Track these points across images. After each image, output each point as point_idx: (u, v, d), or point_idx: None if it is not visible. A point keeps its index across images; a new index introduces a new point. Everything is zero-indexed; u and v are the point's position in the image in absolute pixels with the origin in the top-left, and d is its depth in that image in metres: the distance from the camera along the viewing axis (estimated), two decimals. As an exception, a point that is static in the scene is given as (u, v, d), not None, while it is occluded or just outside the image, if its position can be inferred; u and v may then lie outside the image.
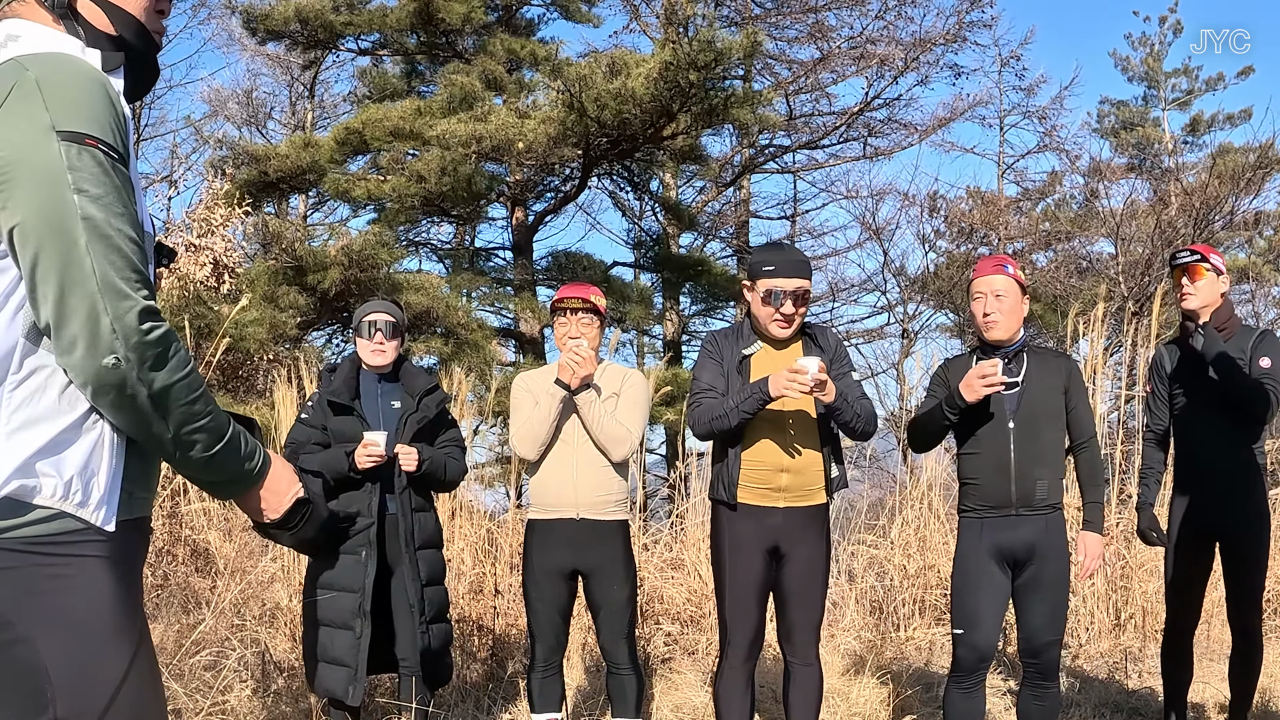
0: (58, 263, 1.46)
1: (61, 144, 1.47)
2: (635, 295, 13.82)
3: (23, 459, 1.49)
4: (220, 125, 22.29)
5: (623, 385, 4.04)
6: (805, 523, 3.65)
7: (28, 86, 1.49)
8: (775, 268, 3.61)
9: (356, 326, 4.24)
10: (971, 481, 3.78)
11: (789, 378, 3.42)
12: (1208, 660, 5.53)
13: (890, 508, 7.63)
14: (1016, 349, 3.77)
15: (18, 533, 1.50)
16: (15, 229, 1.48)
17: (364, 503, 4.07)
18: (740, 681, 3.67)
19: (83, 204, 1.47)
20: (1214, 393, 4.12)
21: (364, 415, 4.14)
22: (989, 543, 3.70)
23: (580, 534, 3.94)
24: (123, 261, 1.49)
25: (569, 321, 3.99)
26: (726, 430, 3.61)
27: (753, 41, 11.18)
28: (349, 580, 4.03)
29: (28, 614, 1.49)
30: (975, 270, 3.87)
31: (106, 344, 1.47)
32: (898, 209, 19.80)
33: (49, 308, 1.48)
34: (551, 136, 11.29)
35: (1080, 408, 3.78)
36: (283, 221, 13.33)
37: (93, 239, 1.47)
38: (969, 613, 3.70)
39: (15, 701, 1.50)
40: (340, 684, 4.01)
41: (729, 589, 3.66)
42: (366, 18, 13.44)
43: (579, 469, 3.95)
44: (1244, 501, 4.11)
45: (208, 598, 5.89)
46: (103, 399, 1.52)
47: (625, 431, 3.95)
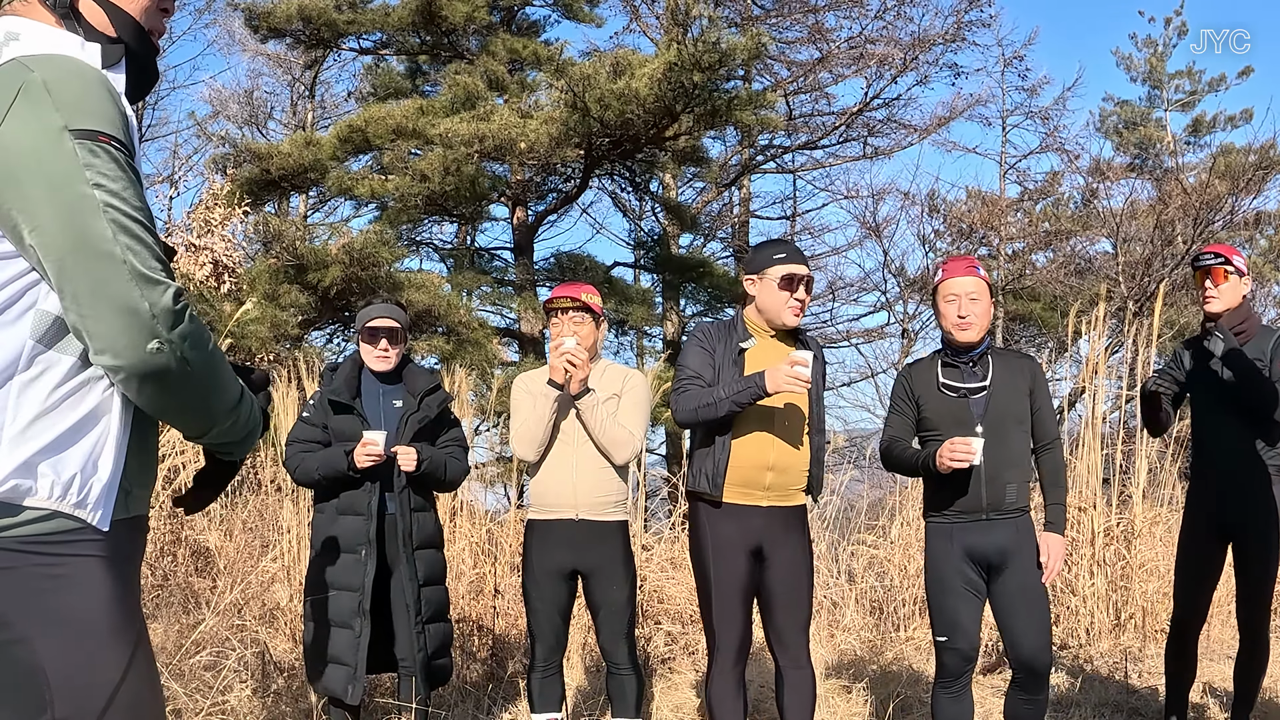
0: (87, 259, 1.47)
1: (75, 143, 1.48)
2: (636, 296, 13.82)
3: (25, 458, 1.50)
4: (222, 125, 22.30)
5: (624, 386, 4.03)
6: (787, 523, 3.65)
7: (35, 88, 1.49)
8: (787, 255, 3.65)
9: (360, 330, 4.23)
10: (941, 487, 3.72)
11: (789, 373, 3.39)
12: (1208, 660, 5.53)
13: (890, 508, 7.63)
14: (981, 352, 3.73)
15: (14, 532, 1.50)
16: (35, 231, 1.48)
17: (363, 502, 4.07)
18: (731, 685, 3.64)
19: (104, 199, 1.48)
20: (1231, 394, 4.12)
21: (364, 414, 4.15)
22: (960, 547, 3.67)
23: (579, 534, 3.94)
24: (147, 251, 1.51)
25: (560, 321, 3.99)
26: (713, 420, 3.56)
27: (757, 43, 11.18)
28: (349, 579, 4.04)
29: (26, 614, 1.49)
30: (945, 271, 3.77)
31: (148, 330, 1.49)
32: (898, 208, 19.83)
33: (83, 305, 1.48)
34: (554, 137, 11.29)
35: (1044, 409, 3.74)
36: (284, 220, 13.33)
37: (119, 231, 1.48)
38: (949, 619, 3.68)
39: (14, 702, 1.50)
40: (340, 683, 4.01)
41: (715, 593, 3.62)
42: (369, 17, 13.44)
43: (579, 469, 3.95)
44: (1259, 502, 4.10)
45: (208, 598, 5.90)
46: (151, 385, 1.54)
47: (628, 435, 3.94)
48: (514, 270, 13.88)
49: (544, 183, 13.89)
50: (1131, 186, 19.22)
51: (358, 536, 4.06)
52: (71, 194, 1.47)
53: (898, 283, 19.26)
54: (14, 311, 1.52)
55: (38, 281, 1.53)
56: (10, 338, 1.51)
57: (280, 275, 11.31)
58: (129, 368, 1.51)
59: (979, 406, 3.67)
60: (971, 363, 3.72)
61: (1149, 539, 6.59)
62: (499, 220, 16.27)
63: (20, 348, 1.52)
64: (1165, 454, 7.23)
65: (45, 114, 1.48)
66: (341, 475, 4.03)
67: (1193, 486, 4.31)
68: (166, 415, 1.62)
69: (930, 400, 3.75)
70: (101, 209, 1.47)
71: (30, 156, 1.47)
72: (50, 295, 1.53)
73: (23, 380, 1.52)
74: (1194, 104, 24.18)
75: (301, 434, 4.16)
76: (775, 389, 3.44)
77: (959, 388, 3.71)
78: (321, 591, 4.09)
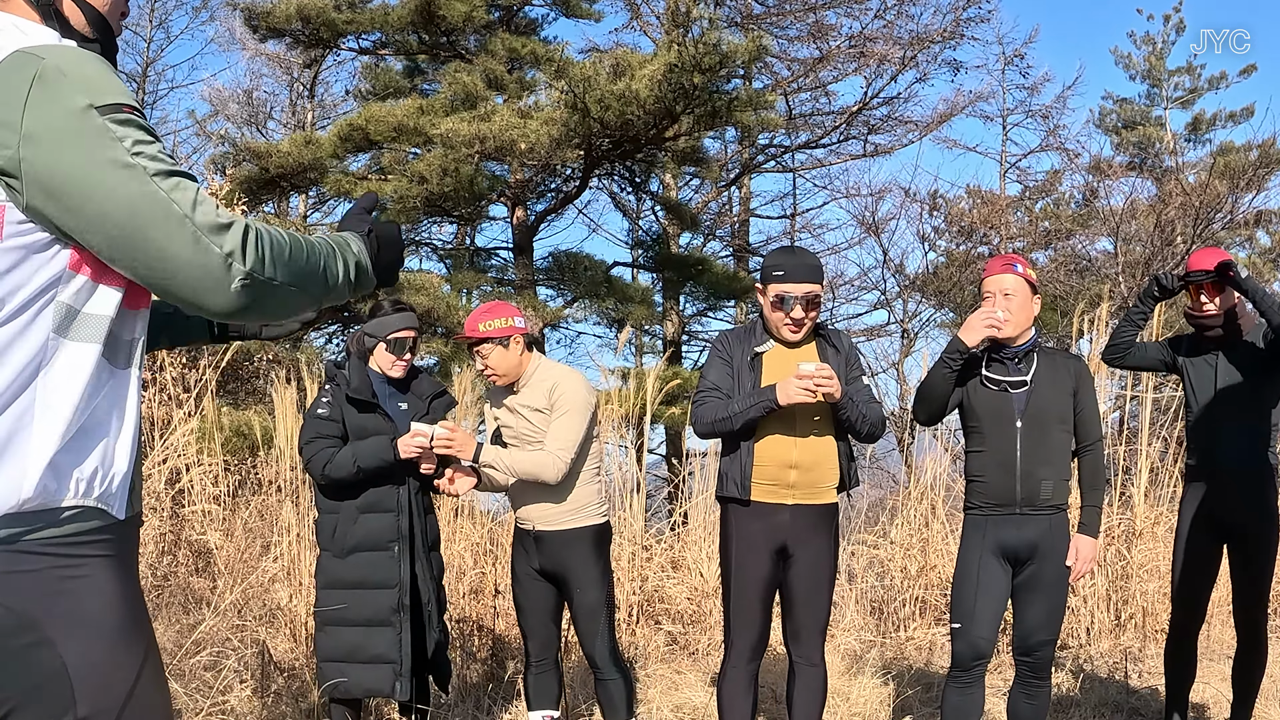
0: (150, 225, 1.48)
1: (104, 118, 1.49)
2: (636, 295, 13.82)
3: (50, 457, 1.51)
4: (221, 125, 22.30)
5: (551, 399, 3.93)
6: (814, 522, 3.65)
7: (50, 74, 1.49)
8: (785, 272, 3.62)
9: (380, 337, 4.16)
10: (977, 479, 3.79)
11: (798, 385, 3.44)
12: (1208, 660, 5.53)
13: (890, 508, 7.63)
14: (1026, 348, 3.78)
15: (41, 534, 1.51)
16: (74, 212, 1.48)
17: (391, 499, 4.05)
18: (743, 682, 3.68)
19: (145, 163, 1.49)
20: (1232, 394, 4.12)
21: (390, 413, 4.11)
22: (992, 541, 3.72)
23: (543, 543, 3.98)
24: (199, 199, 1.53)
25: (475, 359, 4.01)
26: (729, 433, 3.62)
27: (758, 45, 11.17)
28: (384, 576, 4.01)
29: (51, 615, 1.51)
30: (986, 269, 3.90)
31: (222, 270, 1.51)
32: (898, 207, 19.79)
33: (155, 271, 1.50)
34: (554, 137, 11.29)
35: (1088, 410, 3.78)
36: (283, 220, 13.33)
37: (173, 189, 1.50)
38: (966, 608, 3.72)
39: (39, 702, 1.52)
40: (386, 681, 3.98)
41: (734, 590, 3.67)
42: (368, 16, 13.43)
43: (525, 489, 3.97)
44: (1257, 502, 4.11)
45: (208, 598, 5.90)
46: (255, 313, 1.58)
47: (548, 458, 3.85)
48: (513, 270, 13.88)
49: (544, 183, 13.89)
50: (1132, 185, 19.23)
51: (388, 533, 4.03)
52: (115, 167, 1.48)
53: (897, 281, 19.26)
54: (37, 307, 1.52)
55: (59, 277, 1.53)
56: (34, 334, 1.52)
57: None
58: (225, 311, 1.55)
59: (1020, 401, 3.71)
60: (1016, 358, 3.76)
61: (1150, 539, 6.58)
62: (498, 220, 16.28)
63: (43, 342, 1.52)
64: (1166, 454, 7.23)
65: (67, 97, 1.48)
66: (384, 466, 3.99)
67: (1189, 486, 4.30)
68: (300, 310, 1.68)
69: (972, 392, 3.81)
70: (150, 175, 1.49)
71: (61, 140, 1.47)
72: (68, 286, 1.53)
73: (44, 377, 1.52)
74: (1194, 101, 24.18)
75: (323, 430, 4.08)
76: (787, 401, 3.48)
77: (1000, 381, 3.76)
78: (344, 592, 4.04)
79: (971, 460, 3.84)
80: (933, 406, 3.86)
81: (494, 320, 3.94)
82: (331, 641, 4.04)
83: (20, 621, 1.49)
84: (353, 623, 4.01)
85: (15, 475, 1.48)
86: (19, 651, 1.49)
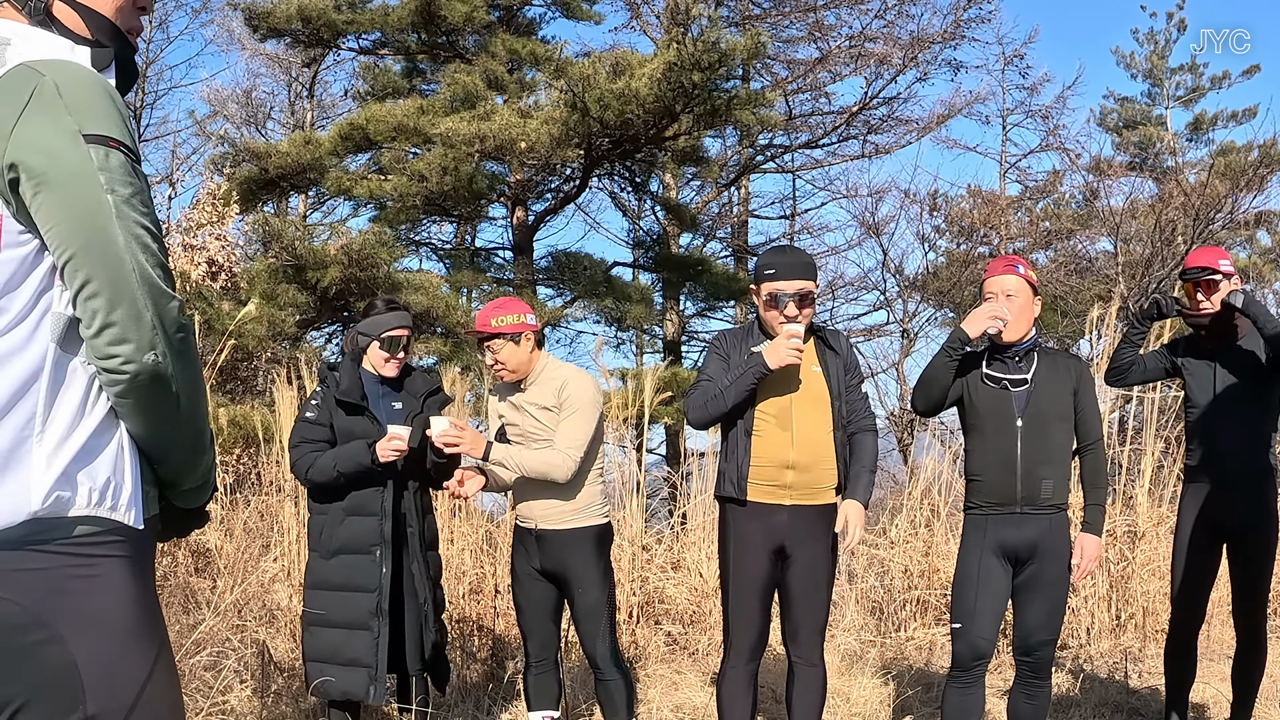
0: (99, 262, 1.49)
1: (90, 147, 1.50)
2: (636, 295, 13.81)
3: (63, 468, 1.51)
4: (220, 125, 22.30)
5: (560, 397, 3.93)
6: (812, 522, 3.65)
7: (48, 92, 1.50)
8: (776, 270, 3.63)
9: (373, 336, 4.15)
10: (977, 478, 3.79)
11: (786, 347, 3.47)
12: (1208, 660, 5.53)
13: (890, 508, 7.63)
14: (1027, 348, 3.79)
15: (52, 535, 1.51)
16: (51, 231, 1.50)
17: (375, 502, 4.04)
18: (743, 682, 3.68)
19: (116, 204, 1.50)
20: (1232, 395, 4.12)
21: (378, 416, 4.09)
22: (993, 540, 3.72)
23: (544, 543, 3.98)
24: (154, 259, 1.54)
25: (485, 353, 4.01)
26: (721, 412, 3.61)
27: (757, 43, 11.16)
28: (363, 580, 4.00)
29: (60, 613, 1.51)
30: (987, 270, 3.90)
31: (149, 340, 1.51)
32: (898, 207, 19.80)
33: (95, 306, 1.50)
34: (554, 136, 11.28)
35: (1088, 410, 3.79)
36: (282, 220, 13.32)
37: (129, 238, 1.51)
38: (967, 608, 3.72)
39: (48, 700, 1.52)
40: (361, 685, 3.97)
41: (732, 591, 3.67)
42: (368, 16, 13.42)
43: (529, 487, 3.96)
44: (1257, 503, 4.11)
45: (208, 598, 5.89)
46: (137, 396, 1.55)
47: (557, 457, 3.86)
48: (513, 270, 13.87)
49: (543, 182, 13.89)
50: (1132, 185, 19.22)
51: (371, 537, 4.01)
52: (88, 197, 1.49)
53: (897, 282, 19.25)
54: (35, 316, 1.52)
55: (52, 284, 1.54)
56: (35, 344, 1.52)
57: (279, 275, 11.30)
58: (125, 376, 1.53)
59: (1020, 400, 3.72)
60: (1016, 357, 3.77)
61: (1153, 539, 6.58)
62: (497, 220, 16.28)
63: (44, 353, 1.53)
64: (1167, 454, 7.23)
65: (60, 117, 1.49)
66: (363, 470, 3.97)
67: (1189, 487, 4.30)
68: (150, 433, 1.62)
69: (973, 389, 3.81)
70: (114, 215, 1.50)
71: (50, 157, 1.49)
72: (63, 296, 1.54)
73: (50, 387, 1.52)
74: (1195, 101, 24.16)
75: (309, 434, 4.09)
76: (777, 364, 3.49)
77: (1001, 379, 3.77)
78: (328, 594, 4.04)
79: (972, 459, 3.84)
80: (932, 396, 3.85)
81: (507, 316, 3.96)
82: (316, 642, 4.04)
83: (30, 618, 1.49)
84: (335, 624, 4.00)
85: (21, 486, 1.48)
86: (29, 648, 1.49)
